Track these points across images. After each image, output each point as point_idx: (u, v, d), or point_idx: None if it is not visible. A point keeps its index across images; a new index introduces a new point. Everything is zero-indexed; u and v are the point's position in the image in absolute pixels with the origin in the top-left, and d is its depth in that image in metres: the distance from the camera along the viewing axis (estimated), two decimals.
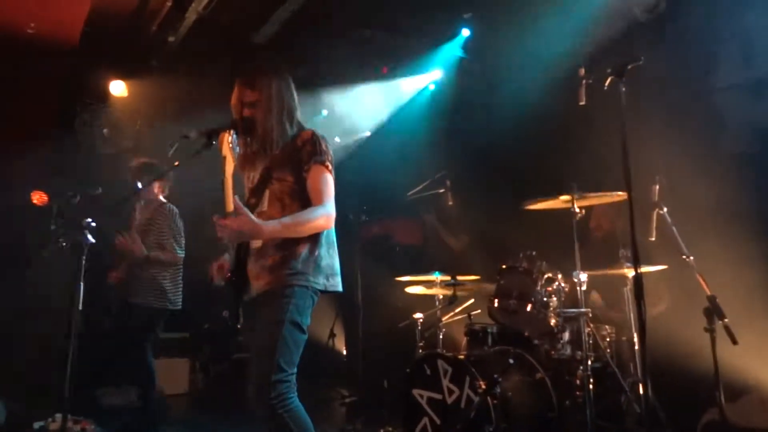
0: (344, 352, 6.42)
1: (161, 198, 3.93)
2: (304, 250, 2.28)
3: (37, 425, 3.93)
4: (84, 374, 4.77)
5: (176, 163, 2.50)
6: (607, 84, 2.63)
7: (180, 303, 3.86)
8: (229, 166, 2.24)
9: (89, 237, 2.82)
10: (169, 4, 4.73)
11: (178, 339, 5.82)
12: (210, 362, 6.39)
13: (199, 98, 5.67)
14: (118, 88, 5.77)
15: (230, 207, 2.11)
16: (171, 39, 5.09)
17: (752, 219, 3.44)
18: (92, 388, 5.30)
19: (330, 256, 2.37)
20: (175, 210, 3.88)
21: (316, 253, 2.31)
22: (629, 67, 2.59)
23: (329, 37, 5.28)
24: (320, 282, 2.31)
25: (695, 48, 3.99)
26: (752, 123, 3.84)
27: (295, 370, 2.21)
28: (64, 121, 5.65)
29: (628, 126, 2.53)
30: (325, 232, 2.35)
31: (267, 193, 2.33)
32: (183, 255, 3.85)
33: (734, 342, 2.68)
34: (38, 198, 4.94)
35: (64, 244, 3.10)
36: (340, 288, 2.39)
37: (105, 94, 5.78)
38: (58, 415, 3.76)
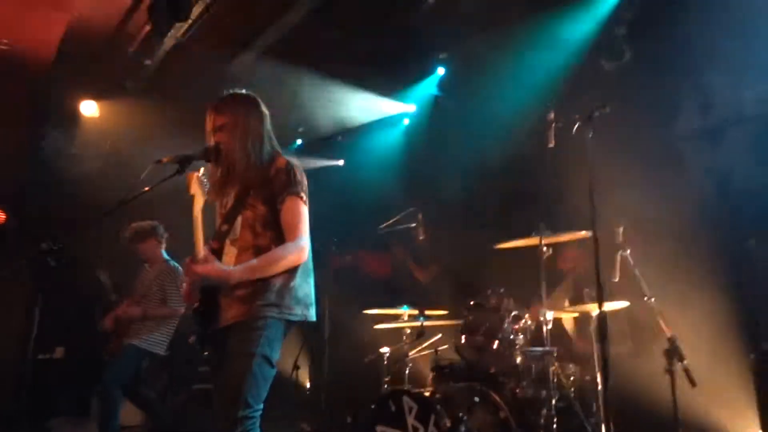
0: (308, 385, 6.29)
1: (164, 254, 4.39)
2: (278, 281, 2.24)
3: None
4: (37, 404, 4.57)
5: (146, 189, 2.47)
6: (575, 129, 2.74)
7: (164, 350, 4.23)
8: (198, 204, 2.19)
9: (50, 260, 2.73)
10: (147, 27, 4.73)
11: None
12: (168, 392, 6.17)
13: (172, 123, 5.64)
14: (89, 108, 5.69)
15: (200, 252, 2.11)
16: (147, 62, 5.08)
17: (710, 261, 3.56)
18: (45, 418, 5.07)
19: (307, 285, 2.35)
20: (179, 268, 4.30)
21: (292, 283, 2.27)
22: (596, 113, 2.71)
23: (308, 68, 5.35)
24: (298, 312, 2.27)
25: (658, 98, 4.18)
26: (710, 170, 4.01)
27: (262, 405, 2.15)
28: (33, 140, 5.54)
29: (594, 170, 2.62)
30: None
31: (239, 219, 2.30)
32: (183, 308, 4.20)
33: (693, 384, 2.74)
34: None
35: (23, 265, 3.01)
36: (313, 318, 2.36)
37: (76, 114, 5.70)
38: None
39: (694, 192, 3.99)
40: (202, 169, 2.18)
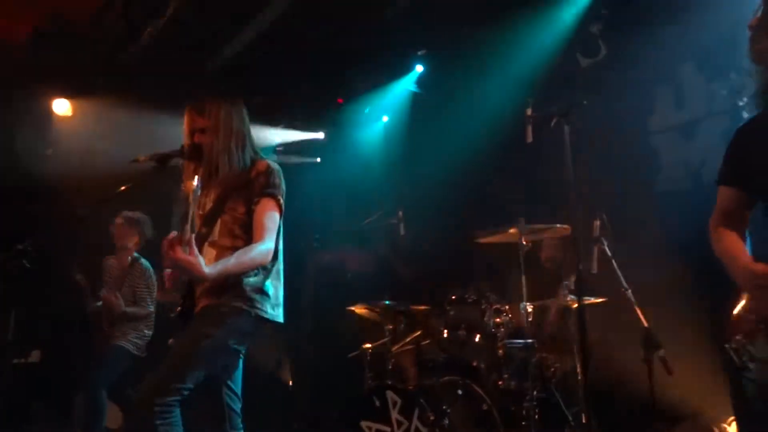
0: (290, 383, 6.27)
1: (134, 252, 4.30)
2: (250, 276, 2.25)
3: None
4: (13, 409, 4.46)
5: (123, 188, 2.44)
6: (552, 124, 2.77)
7: (145, 352, 4.17)
8: (193, 210, 2.15)
9: (25, 261, 2.68)
10: (122, 24, 4.66)
11: None
12: None
13: (148, 121, 5.55)
14: (62, 106, 5.58)
15: (186, 237, 2.04)
16: (122, 59, 5.00)
17: (685, 253, 3.64)
18: (22, 424, 4.97)
19: (275, 287, 2.35)
20: (149, 266, 4.25)
21: (263, 280, 2.28)
22: (573, 108, 2.75)
23: (284, 66, 5.32)
24: (267, 310, 2.27)
25: (633, 93, 4.26)
26: (684, 162, 4.11)
27: (192, 386, 2.10)
28: (4, 140, 5.40)
29: (572, 164, 2.66)
30: (272, 262, 2.33)
31: (219, 222, 2.30)
32: (153, 308, 4.22)
33: (669, 372, 2.80)
34: None
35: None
36: (281, 319, 2.36)
37: (49, 113, 5.58)
38: None
39: (669, 185, 4.08)
40: (196, 178, 2.13)
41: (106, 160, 5.00)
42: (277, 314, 2.33)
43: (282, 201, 2.32)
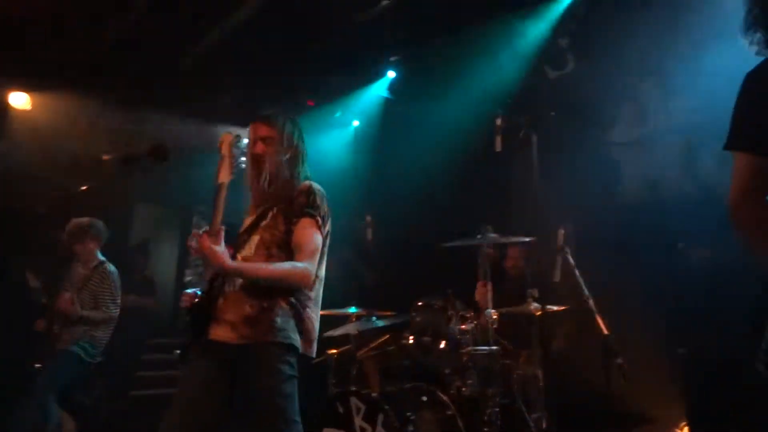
0: None
1: (98, 255, 4.13)
2: (285, 304, 2.18)
3: None
4: None
5: (84, 188, 2.38)
6: (521, 134, 2.83)
7: (99, 357, 4.02)
8: (225, 172, 2.18)
9: None
10: (87, 18, 4.53)
11: None
12: (103, 400, 5.89)
13: (112, 118, 5.41)
14: (20, 99, 5.38)
15: (215, 228, 2.06)
16: (87, 54, 4.85)
17: (644, 263, 3.76)
18: None
19: (313, 320, 2.28)
20: (114, 271, 4.10)
21: (300, 311, 2.21)
22: (540, 119, 2.82)
23: (255, 67, 5.26)
24: (298, 341, 2.20)
25: (598, 105, 4.39)
26: (644, 175, 4.25)
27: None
28: None
29: (538, 173, 2.72)
30: (311, 289, 2.27)
31: (256, 239, 2.26)
32: (117, 312, 4.06)
33: (625, 379, 2.87)
34: None
35: None
36: (313, 354, 2.30)
37: (5, 106, 5.37)
38: None
39: (629, 197, 4.20)
40: (239, 135, 2.15)
41: (65, 158, 4.84)
42: (310, 350, 2.27)
43: (321, 222, 2.25)
